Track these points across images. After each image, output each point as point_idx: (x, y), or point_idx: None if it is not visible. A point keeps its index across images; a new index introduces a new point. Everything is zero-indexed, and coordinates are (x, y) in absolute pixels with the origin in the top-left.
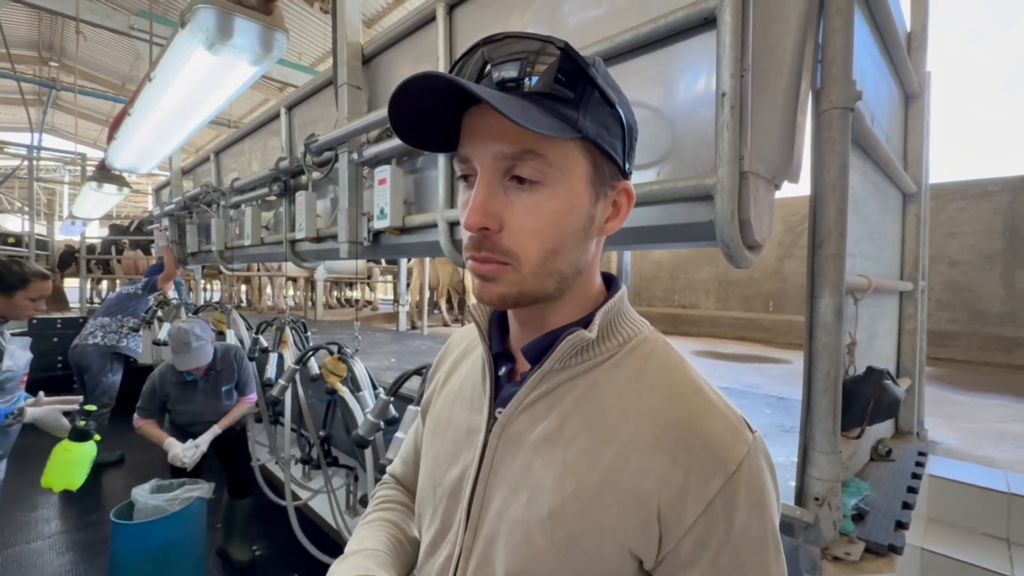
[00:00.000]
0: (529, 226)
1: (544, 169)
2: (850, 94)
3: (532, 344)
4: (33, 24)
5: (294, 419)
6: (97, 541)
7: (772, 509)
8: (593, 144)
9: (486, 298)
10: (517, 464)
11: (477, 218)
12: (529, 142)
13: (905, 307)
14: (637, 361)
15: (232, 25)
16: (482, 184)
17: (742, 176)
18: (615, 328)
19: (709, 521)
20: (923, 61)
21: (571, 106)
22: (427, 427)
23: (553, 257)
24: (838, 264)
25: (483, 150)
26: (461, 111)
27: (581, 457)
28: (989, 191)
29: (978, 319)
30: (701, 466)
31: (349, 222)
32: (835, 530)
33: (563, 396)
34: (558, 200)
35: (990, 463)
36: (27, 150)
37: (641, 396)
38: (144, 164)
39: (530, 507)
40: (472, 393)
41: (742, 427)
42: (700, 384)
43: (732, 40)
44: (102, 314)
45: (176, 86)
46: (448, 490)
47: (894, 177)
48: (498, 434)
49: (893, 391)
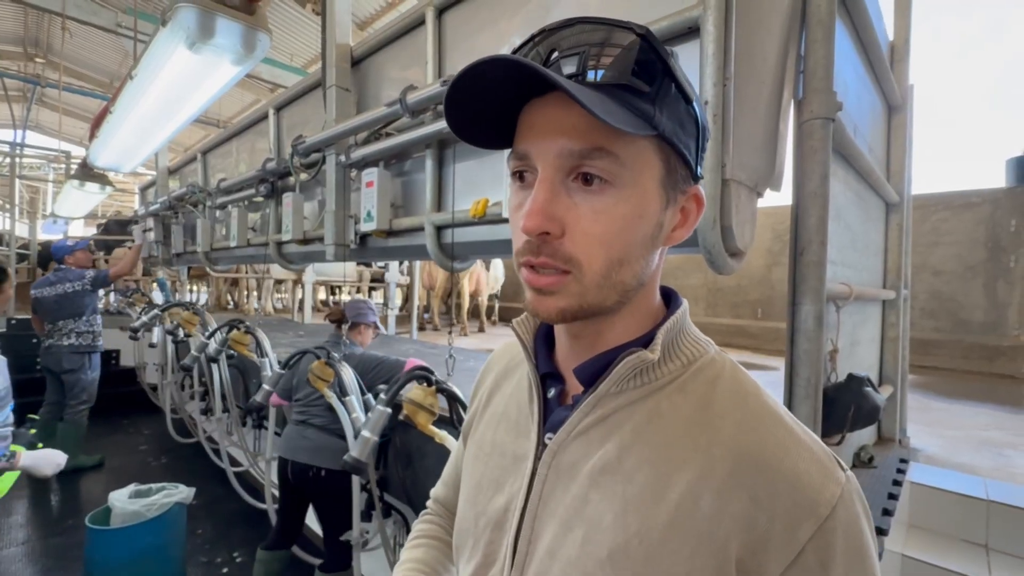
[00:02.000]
0: (595, 232)
1: (615, 169)
2: (831, 104)
3: (586, 365)
4: (19, 19)
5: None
6: (71, 547)
7: (874, 562)
8: (668, 143)
9: (542, 313)
10: (570, 497)
11: (537, 221)
12: (601, 138)
13: (888, 315)
14: (704, 385)
15: (214, 25)
16: (543, 184)
17: (724, 183)
18: (678, 347)
19: (800, 573)
20: (906, 73)
21: (647, 100)
22: (469, 451)
23: (618, 267)
24: (819, 271)
25: (547, 146)
26: (519, 104)
27: (644, 492)
28: (972, 202)
29: (961, 328)
30: (787, 509)
31: (336, 224)
32: None
33: (622, 423)
34: (627, 204)
35: (970, 470)
36: (9, 147)
37: (711, 425)
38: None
39: (586, 547)
40: (518, 416)
41: (833, 465)
42: (780, 413)
43: (715, 49)
44: (65, 316)
45: (158, 85)
46: (492, 520)
47: (877, 187)
48: (548, 462)
49: (873, 398)
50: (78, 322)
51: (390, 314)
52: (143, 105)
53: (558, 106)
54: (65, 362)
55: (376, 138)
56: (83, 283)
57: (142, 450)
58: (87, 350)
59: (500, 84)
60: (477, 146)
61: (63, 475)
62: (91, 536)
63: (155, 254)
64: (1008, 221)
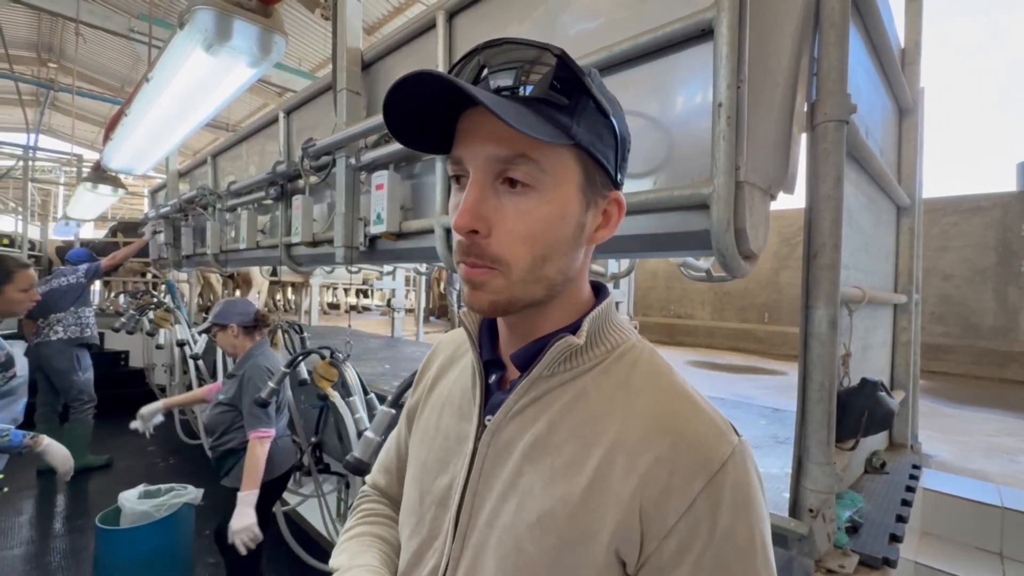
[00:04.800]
0: (518, 231)
1: (536, 174)
2: (845, 107)
3: (521, 351)
4: (33, 25)
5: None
6: (81, 547)
7: (760, 514)
8: (586, 152)
9: (475, 305)
10: (507, 471)
11: (466, 220)
12: (523, 146)
13: (899, 319)
14: (625, 367)
15: (231, 27)
16: (473, 186)
17: (738, 186)
18: (603, 335)
19: (692, 521)
20: (917, 76)
21: (566, 113)
22: (414, 435)
23: (542, 263)
24: (832, 275)
25: (476, 152)
26: (456, 113)
27: (570, 462)
28: (982, 206)
29: (971, 333)
30: (685, 464)
31: (345, 227)
32: (829, 542)
33: (552, 403)
34: (549, 206)
35: (983, 476)
36: (22, 150)
37: (628, 401)
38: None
39: (519, 513)
40: (461, 400)
41: (727, 429)
42: (686, 388)
43: (729, 52)
44: (55, 310)
45: (173, 88)
46: (437, 498)
47: (888, 190)
48: (487, 442)
49: (887, 403)
50: (67, 314)
51: (396, 317)
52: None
53: (486, 116)
54: (55, 360)
55: (386, 141)
56: (76, 276)
57: (150, 451)
58: (76, 343)
59: (437, 97)
60: (424, 152)
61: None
62: (101, 536)
63: (164, 256)
64: (1018, 225)
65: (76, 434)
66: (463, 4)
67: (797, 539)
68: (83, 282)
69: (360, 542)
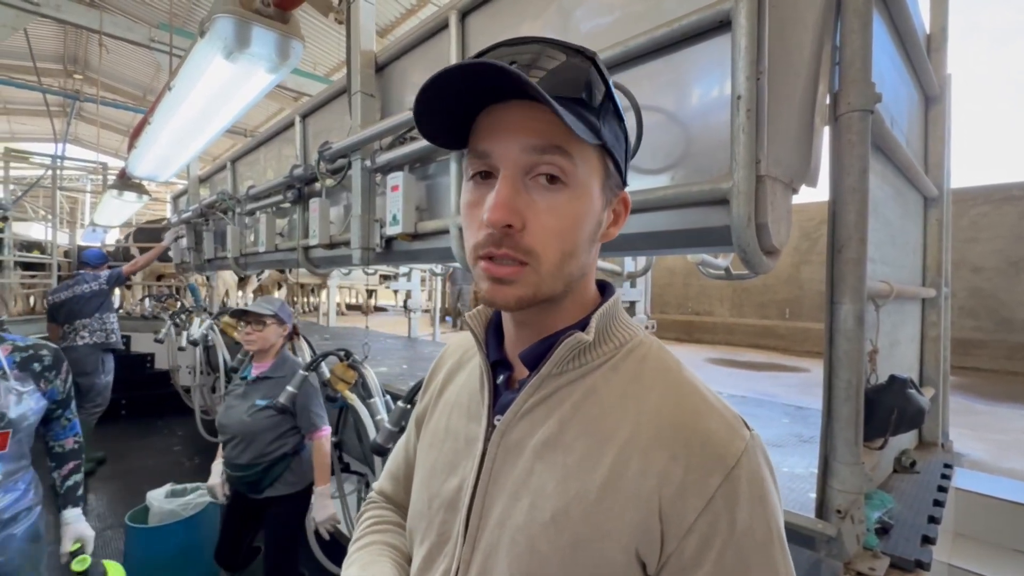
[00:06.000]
0: (551, 226)
1: (570, 169)
2: (869, 96)
3: (530, 349)
4: (59, 38)
5: None
6: (111, 545)
7: (775, 507)
8: (607, 153)
9: (500, 301)
10: (518, 471)
11: (503, 214)
12: (559, 139)
13: (928, 314)
14: (634, 364)
15: (250, 34)
16: (506, 180)
17: (759, 180)
18: (611, 331)
19: (711, 518)
20: (943, 63)
21: (594, 114)
22: (423, 440)
23: (568, 260)
24: (858, 269)
25: (509, 144)
26: (474, 109)
27: (582, 460)
28: (1014, 195)
29: (1004, 327)
30: (700, 462)
31: (362, 228)
32: (858, 544)
33: (562, 401)
34: (578, 203)
35: (1019, 476)
36: (51, 160)
37: (639, 398)
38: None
39: (532, 513)
40: (470, 402)
41: (739, 425)
42: (696, 384)
43: (747, 43)
44: (81, 316)
45: (195, 95)
46: (446, 501)
47: (915, 181)
48: (497, 442)
49: (917, 400)
50: (92, 320)
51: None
52: (180, 116)
53: (521, 111)
54: (82, 363)
55: (400, 143)
56: (99, 283)
57: (176, 450)
58: (103, 348)
59: (461, 91)
60: (442, 147)
61: None
62: (130, 534)
63: (187, 260)
64: None
65: None
66: (475, 3)
67: (825, 541)
68: (105, 288)
69: (369, 552)
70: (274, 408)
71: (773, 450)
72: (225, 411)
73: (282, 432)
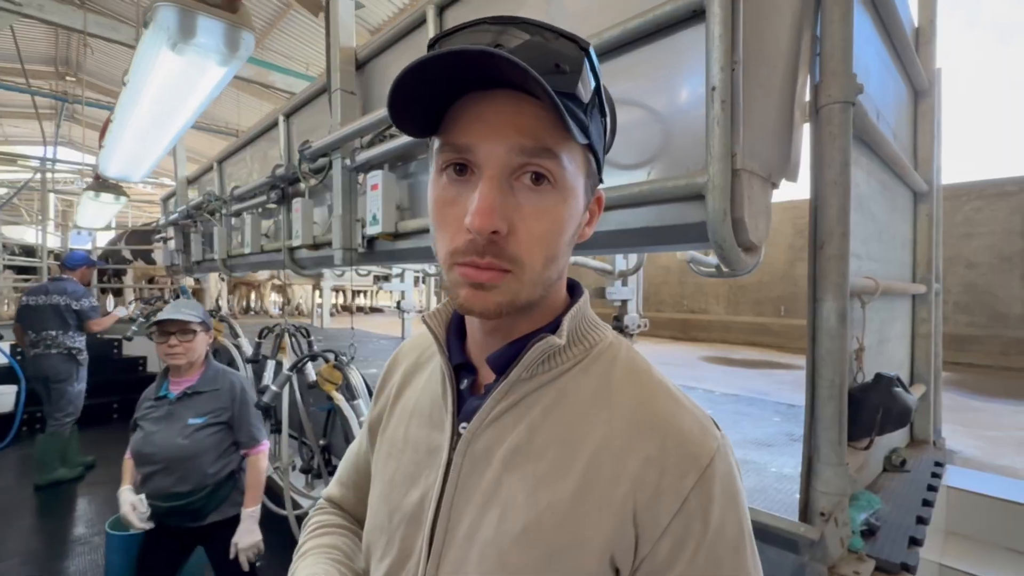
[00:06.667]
0: (538, 232)
1: (558, 171)
2: (850, 87)
3: (499, 353)
4: (51, 40)
5: (294, 427)
6: (92, 550)
7: (744, 507)
8: (592, 151)
9: (478, 308)
10: (485, 482)
11: (490, 220)
12: (548, 140)
13: (918, 310)
14: (604, 366)
15: (194, 24)
16: (492, 181)
17: (734, 174)
18: (581, 333)
19: (685, 520)
20: (932, 57)
21: (583, 111)
22: (380, 449)
23: (550, 265)
24: (841, 266)
25: (496, 142)
26: (451, 95)
27: (553, 468)
28: (1007, 191)
29: (998, 322)
30: (674, 464)
31: (343, 229)
32: (843, 547)
33: (531, 406)
34: (564, 205)
35: (1012, 473)
36: (40, 162)
37: (611, 400)
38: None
39: (502, 525)
40: (431, 409)
41: (710, 425)
42: (667, 385)
43: (721, 31)
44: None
45: (151, 90)
46: (407, 515)
47: (903, 175)
48: (463, 451)
49: (903, 399)
50: (63, 336)
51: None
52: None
53: (508, 104)
54: (55, 371)
55: (380, 140)
56: (78, 304)
57: None
58: (77, 360)
59: (445, 78)
60: (412, 136)
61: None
62: (110, 540)
63: (176, 263)
64: None
65: (50, 446)
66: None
67: (808, 544)
68: (72, 323)
69: (313, 556)
70: (205, 426)
71: (763, 449)
72: (145, 438)
73: (225, 449)
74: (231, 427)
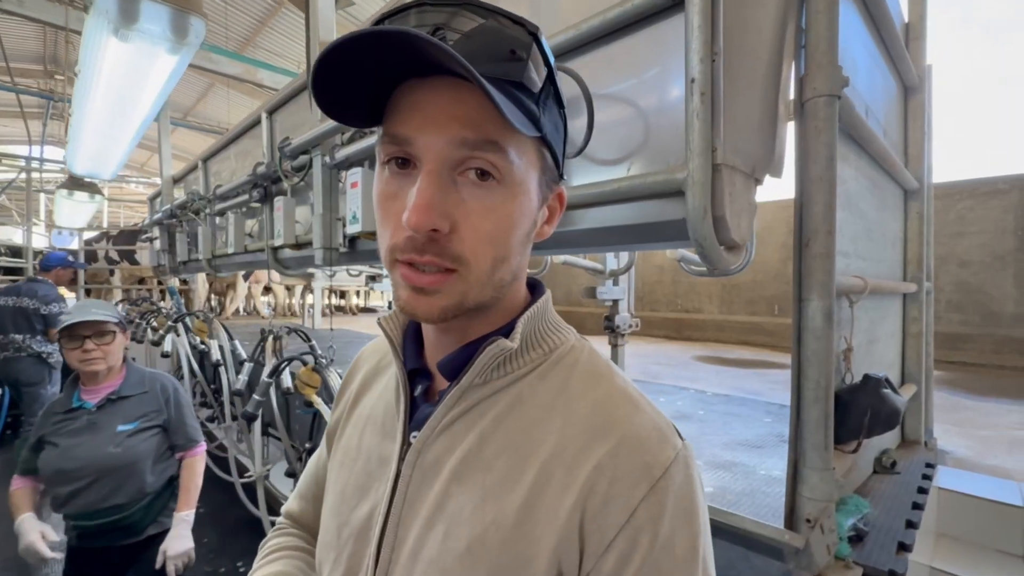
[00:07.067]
0: (484, 230)
1: (505, 165)
2: (836, 80)
3: (449, 358)
4: (39, 38)
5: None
6: None
7: (702, 524)
8: (546, 144)
9: (421, 313)
10: (433, 494)
11: (428, 217)
12: (493, 132)
13: (909, 309)
14: (563, 372)
15: (136, 8)
16: (431, 176)
17: (715, 169)
18: (540, 337)
19: (632, 533)
20: (922, 53)
21: (534, 100)
22: (334, 458)
23: (500, 265)
24: (827, 264)
25: (434, 134)
26: (391, 81)
27: (502, 479)
28: (999, 189)
29: (991, 321)
30: (625, 472)
31: (324, 228)
32: (829, 555)
33: (484, 413)
34: (514, 202)
35: (1004, 474)
36: (25, 161)
37: (568, 408)
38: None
39: (447, 542)
40: (385, 416)
41: (671, 434)
42: (628, 391)
43: (701, 21)
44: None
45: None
46: (356, 530)
47: (893, 173)
48: (412, 462)
49: (892, 400)
50: (31, 339)
51: None
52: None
53: (448, 92)
54: (27, 373)
55: (360, 136)
56: (47, 308)
57: None
58: (48, 363)
59: (377, 59)
60: (351, 126)
61: None
62: None
63: (162, 263)
64: None
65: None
66: None
67: (794, 552)
68: (39, 328)
69: None
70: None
71: (752, 451)
72: (63, 454)
73: (162, 454)
74: (166, 430)
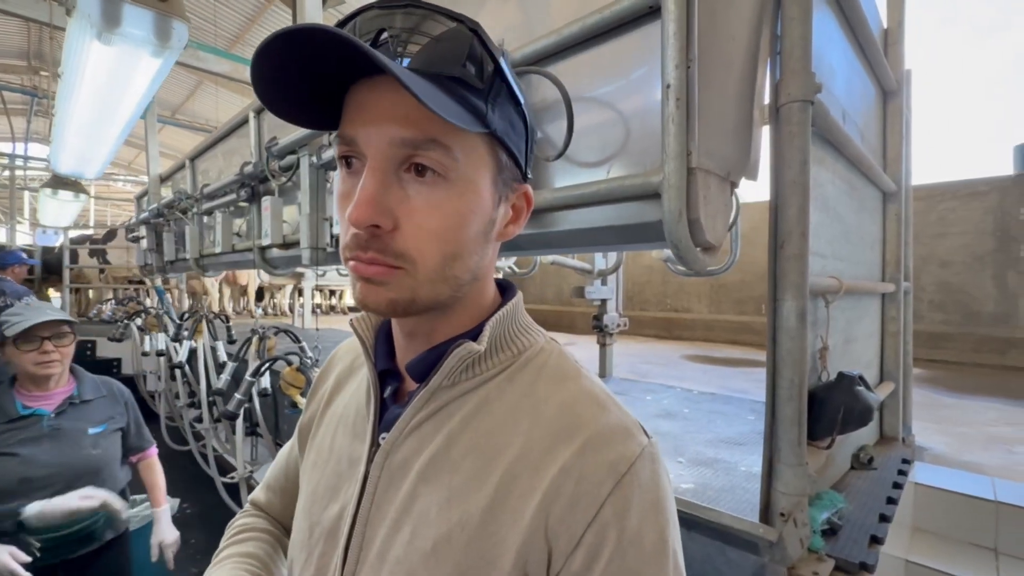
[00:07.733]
0: (429, 226)
1: (448, 162)
2: (809, 86)
3: (418, 359)
4: (23, 34)
5: (270, 429)
6: None
7: (670, 518)
8: (499, 142)
9: (371, 304)
10: (401, 495)
11: (367, 213)
12: (434, 130)
13: (888, 309)
14: (531, 374)
15: (119, 12)
16: (372, 174)
17: (690, 172)
18: (508, 339)
19: (599, 528)
20: (900, 57)
21: (480, 97)
22: (308, 458)
23: (452, 262)
24: (800, 265)
25: (375, 133)
26: (344, 82)
27: (468, 480)
28: (979, 191)
29: (971, 320)
30: (591, 470)
31: (311, 228)
32: (802, 548)
33: (452, 414)
34: (461, 199)
35: (978, 469)
36: (9, 159)
37: (534, 410)
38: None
39: (413, 543)
40: (355, 418)
41: (637, 432)
42: (595, 392)
43: (676, 28)
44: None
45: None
46: (326, 530)
47: (871, 176)
48: (380, 463)
49: (865, 398)
50: None
51: None
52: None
53: (389, 91)
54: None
55: None
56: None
57: None
58: None
59: (323, 59)
60: (297, 125)
61: None
62: None
63: (149, 262)
64: (1017, 209)
65: None
66: None
67: (768, 546)
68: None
69: (222, 570)
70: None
71: (734, 448)
72: (24, 463)
73: (119, 457)
74: (125, 434)
